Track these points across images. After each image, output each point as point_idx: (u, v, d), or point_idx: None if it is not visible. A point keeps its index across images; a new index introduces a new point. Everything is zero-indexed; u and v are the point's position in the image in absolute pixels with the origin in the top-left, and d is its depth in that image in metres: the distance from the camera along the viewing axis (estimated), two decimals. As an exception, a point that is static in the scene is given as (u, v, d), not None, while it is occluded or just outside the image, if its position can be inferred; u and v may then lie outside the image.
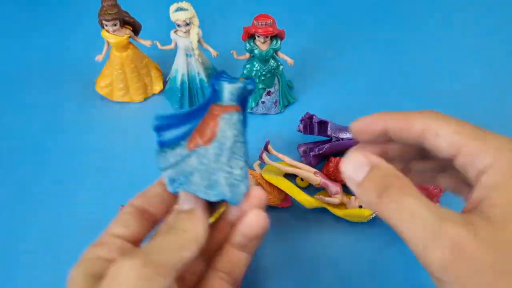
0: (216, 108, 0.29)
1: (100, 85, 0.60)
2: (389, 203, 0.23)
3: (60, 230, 0.49)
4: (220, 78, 0.29)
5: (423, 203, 0.22)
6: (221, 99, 0.29)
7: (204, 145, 0.28)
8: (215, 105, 0.29)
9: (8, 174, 0.54)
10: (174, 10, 0.51)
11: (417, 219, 0.22)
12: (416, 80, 0.64)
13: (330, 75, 0.65)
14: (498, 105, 0.61)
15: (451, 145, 0.25)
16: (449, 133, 0.25)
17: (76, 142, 0.57)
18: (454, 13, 0.74)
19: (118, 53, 0.56)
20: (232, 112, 0.29)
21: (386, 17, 0.73)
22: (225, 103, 0.29)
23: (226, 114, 0.29)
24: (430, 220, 0.22)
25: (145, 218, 0.29)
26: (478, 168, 0.23)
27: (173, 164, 0.29)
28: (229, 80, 0.29)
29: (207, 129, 0.29)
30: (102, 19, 0.53)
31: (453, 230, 0.21)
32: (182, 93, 0.59)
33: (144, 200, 0.29)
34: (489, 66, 0.66)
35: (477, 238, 0.20)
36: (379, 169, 0.25)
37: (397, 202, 0.23)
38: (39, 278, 0.46)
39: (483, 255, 0.20)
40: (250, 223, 0.29)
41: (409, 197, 0.23)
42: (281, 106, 0.59)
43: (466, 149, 0.24)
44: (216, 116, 0.29)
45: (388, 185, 0.24)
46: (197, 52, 0.55)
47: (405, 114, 0.27)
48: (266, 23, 0.51)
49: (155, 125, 0.29)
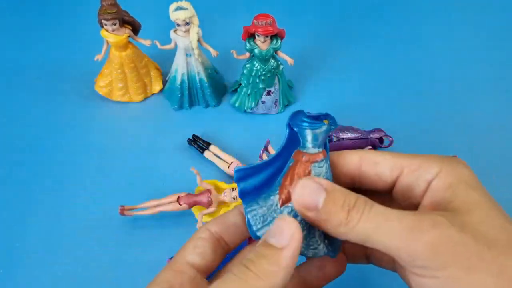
0: (303, 157, 0.27)
1: (100, 84, 0.60)
2: (361, 216, 0.23)
3: (60, 230, 0.49)
4: (302, 124, 0.27)
5: (392, 209, 0.24)
6: (305, 145, 0.27)
7: None
8: (300, 152, 0.27)
9: (8, 174, 0.54)
10: (174, 9, 0.51)
11: (394, 220, 0.23)
12: (416, 79, 0.64)
13: (331, 74, 0.65)
14: (499, 105, 0.61)
15: (392, 168, 0.27)
16: (387, 159, 0.27)
17: (76, 142, 0.57)
18: (454, 13, 0.74)
19: (118, 53, 0.56)
20: (321, 160, 0.27)
21: (386, 17, 0.73)
22: (311, 151, 0.27)
23: (316, 163, 0.27)
24: (406, 218, 0.23)
25: (221, 246, 0.28)
26: (427, 179, 0.26)
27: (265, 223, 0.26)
28: (311, 124, 0.27)
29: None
30: (102, 19, 0.53)
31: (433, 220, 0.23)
32: (181, 93, 0.59)
33: (222, 228, 0.28)
34: (489, 65, 0.66)
35: (455, 225, 0.23)
36: (336, 191, 0.25)
37: (369, 212, 0.23)
38: (39, 278, 0.46)
39: (465, 239, 0.22)
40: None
41: (377, 206, 0.24)
42: (281, 105, 0.59)
43: (409, 168, 0.26)
44: (307, 167, 0.26)
45: (352, 202, 0.24)
46: (197, 51, 0.55)
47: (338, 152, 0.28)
48: (266, 22, 0.50)
49: (236, 177, 0.28)
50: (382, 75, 0.65)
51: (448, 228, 0.22)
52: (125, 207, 0.48)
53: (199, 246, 0.27)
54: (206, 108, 0.61)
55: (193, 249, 0.27)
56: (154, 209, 0.48)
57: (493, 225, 0.23)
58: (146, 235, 0.49)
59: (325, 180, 0.25)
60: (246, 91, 0.57)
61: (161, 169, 0.54)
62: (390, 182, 0.27)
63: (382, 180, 0.27)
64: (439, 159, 0.26)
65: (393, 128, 0.55)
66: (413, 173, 0.26)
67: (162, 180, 0.53)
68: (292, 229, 0.24)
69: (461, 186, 0.25)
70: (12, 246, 0.48)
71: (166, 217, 0.50)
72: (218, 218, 0.28)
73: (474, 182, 0.25)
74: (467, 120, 0.59)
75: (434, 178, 0.25)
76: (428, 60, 0.67)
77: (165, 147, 0.56)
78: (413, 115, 0.60)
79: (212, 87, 0.59)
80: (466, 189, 0.25)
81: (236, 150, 0.55)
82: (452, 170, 0.25)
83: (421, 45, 0.69)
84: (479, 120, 0.59)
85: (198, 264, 0.26)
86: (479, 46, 0.69)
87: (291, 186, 0.26)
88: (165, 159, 0.55)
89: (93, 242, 0.48)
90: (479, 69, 0.65)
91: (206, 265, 0.27)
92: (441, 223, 0.23)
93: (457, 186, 0.25)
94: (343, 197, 0.24)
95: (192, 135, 0.56)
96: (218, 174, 0.53)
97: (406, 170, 0.26)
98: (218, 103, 0.61)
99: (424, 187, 0.26)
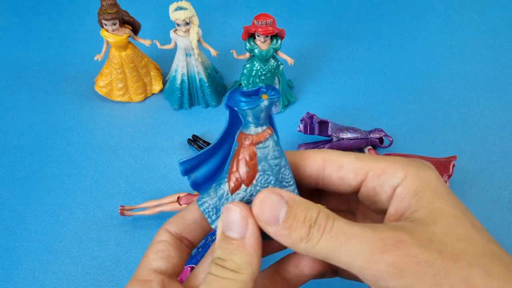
0: (246, 138, 0.25)
1: (99, 84, 0.60)
2: (322, 235, 0.23)
3: (60, 230, 0.49)
4: (239, 103, 0.25)
5: (353, 223, 0.23)
6: (247, 125, 0.25)
7: (247, 185, 0.25)
8: (243, 134, 0.25)
9: (7, 174, 0.54)
10: (174, 9, 0.51)
11: (356, 239, 0.22)
12: (416, 79, 0.64)
13: (331, 74, 0.65)
14: (499, 105, 0.61)
15: (357, 172, 0.26)
16: (351, 162, 0.26)
17: (75, 142, 0.57)
18: (454, 13, 0.74)
19: (118, 53, 0.56)
20: (266, 140, 0.25)
21: (386, 17, 0.73)
22: (254, 131, 0.25)
23: (260, 143, 0.25)
24: (369, 237, 0.22)
25: (184, 246, 0.27)
26: (392, 184, 0.25)
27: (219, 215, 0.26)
28: (249, 101, 0.25)
29: (245, 168, 0.25)
30: (102, 19, 0.53)
31: (395, 238, 0.22)
32: (181, 93, 0.59)
33: (182, 227, 0.27)
34: (489, 65, 0.66)
35: (419, 241, 0.22)
36: (298, 204, 0.24)
37: (330, 231, 0.23)
38: (39, 278, 0.46)
39: (429, 257, 0.21)
40: None
41: (339, 221, 0.23)
42: (281, 105, 0.59)
43: (374, 171, 0.25)
44: (251, 148, 0.25)
45: (313, 218, 0.23)
46: (196, 51, 0.55)
47: (300, 152, 0.27)
48: (266, 22, 0.50)
49: (182, 170, 0.26)
50: (382, 75, 0.65)
51: (412, 247, 0.22)
52: (125, 207, 0.48)
53: (161, 250, 0.26)
54: (206, 108, 0.61)
55: (156, 254, 0.26)
56: (154, 209, 0.48)
57: (458, 236, 0.22)
58: (146, 235, 0.49)
59: (286, 192, 0.24)
60: (246, 91, 0.57)
61: (161, 169, 0.54)
62: (354, 185, 0.26)
63: (346, 183, 0.26)
64: (404, 163, 0.25)
65: (393, 128, 0.55)
66: (378, 177, 0.25)
67: (162, 180, 0.53)
68: (244, 215, 0.24)
69: (426, 193, 0.24)
70: (12, 246, 0.48)
71: (166, 217, 0.50)
72: (176, 217, 0.27)
73: (440, 188, 0.24)
74: (467, 120, 0.59)
75: (399, 184, 0.25)
76: (428, 60, 0.67)
77: (165, 147, 0.56)
78: (413, 115, 0.60)
79: (212, 87, 0.59)
80: (431, 197, 0.24)
81: (236, 150, 0.55)
82: (418, 176, 0.24)
83: (421, 45, 0.69)
84: (479, 120, 0.59)
85: (165, 268, 0.25)
86: (479, 46, 0.69)
87: (237, 172, 0.25)
88: (165, 159, 0.55)
89: (93, 242, 0.48)
90: (479, 69, 0.65)
91: (173, 268, 0.26)
92: (404, 241, 0.22)
93: (422, 193, 0.24)
94: (305, 211, 0.23)
95: (192, 135, 0.56)
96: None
97: (371, 174, 0.25)
98: (218, 103, 0.61)
99: (389, 193, 0.25)
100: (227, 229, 0.24)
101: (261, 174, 0.25)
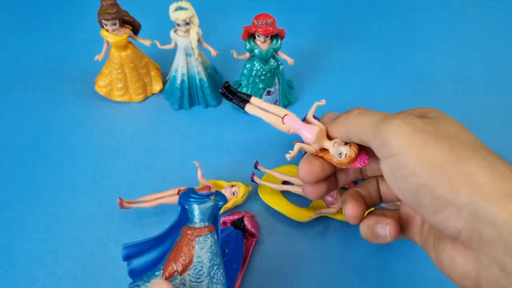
0: (188, 231, 0.28)
1: (100, 84, 0.60)
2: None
3: (60, 230, 0.49)
4: (189, 199, 0.29)
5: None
6: (193, 220, 0.28)
7: (181, 274, 0.27)
8: (187, 227, 0.28)
9: (7, 174, 0.54)
10: (174, 9, 0.51)
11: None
12: (416, 79, 0.64)
13: (331, 74, 0.65)
14: (499, 104, 0.61)
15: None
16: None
17: (75, 142, 0.57)
18: (454, 13, 0.74)
19: (118, 53, 0.56)
20: (206, 235, 0.28)
21: (386, 17, 0.73)
22: (198, 225, 0.28)
23: (201, 237, 0.28)
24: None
25: None
26: None
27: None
28: (198, 199, 0.29)
29: (182, 256, 0.27)
30: (102, 18, 0.53)
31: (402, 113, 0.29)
32: (181, 93, 0.59)
33: None
34: (489, 65, 0.66)
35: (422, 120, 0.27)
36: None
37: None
38: (39, 278, 0.46)
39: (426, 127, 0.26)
40: None
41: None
42: (281, 105, 0.59)
43: None
44: (191, 240, 0.28)
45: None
46: (197, 51, 0.55)
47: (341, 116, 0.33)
48: (266, 22, 0.50)
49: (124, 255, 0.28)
50: (382, 74, 0.65)
51: (413, 118, 0.26)
52: (124, 200, 0.48)
53: None
54: (206, 108, 0.61)
55: None
56: (153, 202, 0.48)
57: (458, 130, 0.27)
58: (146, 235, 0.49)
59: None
60: (246, 91, 0.57)
61: (161, 169, 0.54)
62: None
63: None
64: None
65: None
66: None
67: (162, 180, 0.53)
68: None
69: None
70: (12, 246, 0.48)
71: (166, 217, 0.50)
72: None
73: None
74: (467, 120, 0.59)
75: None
76: (428, 59, 0.67)
77: (165, 147, 0.56)
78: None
79: (212, 87, 0.59)
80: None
81: (236, 150, 0.55)
82: None
83: (421, 45, 0.69)
84: (479, 120, 0.59)
85: None
86: (479, 46, 0.69)
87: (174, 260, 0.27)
88: (165, 159, 0.55)
89: (93, 242, 0.48)
90: (479, 69, 0.65)
91: None
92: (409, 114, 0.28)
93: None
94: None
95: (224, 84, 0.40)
96: (218, 173, 0.53)
97: None
98: (218, 103, 0.61)
99: None
100: None
101: (195, 265, 0.27)
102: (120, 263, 0.47)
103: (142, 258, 0.28)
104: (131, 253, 0.28)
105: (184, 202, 0.29)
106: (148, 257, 0.28)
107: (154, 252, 0.29)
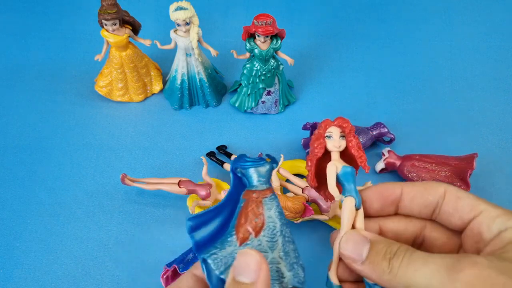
0: (253, 195, 0.28)
1: (100, 84, 0.60)
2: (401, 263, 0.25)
3: (60, 230, 0.49)
4: (246, 163, 0.28)
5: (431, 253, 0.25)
6: (252, 184, 0.28)
7: (256, 236, 0.27)
8: (250, 191, 0.28)
9: (7, 174, 0.54)
10: (174, 9, 0.51)
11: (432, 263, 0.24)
12: (416, 79, 0.64)
13: (331, 74, 0.65)
14: (499, 104, 0.61)
15: (473, 207, 0.27)
16: (470, 197, 0.28)
17: (75, 142, 0.57)
18: (454, 13, 0.74)
19: (118, 53, 0.56)
20: (271, 195, 0.28)
21: (386, 17, 0.73)
22: (260, 188, 0.28)
23: (266, 198, 0.28)
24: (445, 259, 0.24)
25: None
26: (499, 228, 0.26)
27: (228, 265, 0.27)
28: (256, 163, 0.29)
29: (253, 218, 0.27)
30: (102, 19, 0.53)
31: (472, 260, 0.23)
32: (182, 93, 0.59)
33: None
34: (489, 65, 0.66)
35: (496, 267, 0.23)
36: (379, 243, 0.26)
37: (409, 258, 0.25)
38: (39, 278, 0.46)
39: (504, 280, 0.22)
40: None
41: (418, 252, 0.25)
42: (281, 105, 0.59)
43: (488, 212, 0.27)
44: (259, 202, 0.28)
45: (393, 251, 0.26)
46: (197, 51, 0.55)
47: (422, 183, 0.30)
48: (266, 22, 0.50)
49: (189, 226, 0.28)
50: (382, 74, 0.65)
51: (487, 268, 0.23)
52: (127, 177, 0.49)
53: None
54: (206, 108, 0.60)
55: None
56: (154, 185, 0.49)
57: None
58: (146, 235, 0.49)
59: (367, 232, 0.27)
60: (246, 91, 0.57)
61: (161, 169, 0.54)
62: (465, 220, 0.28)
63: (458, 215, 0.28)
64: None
65: (393, 128, 0.55)
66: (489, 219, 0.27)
67: (162, 180, 0.53)
68: (257, 261, 0.24)
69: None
70: (12, 246, 0.48)
71: (167, 220, 0.50)
72: (172, 286, 0.28)
73: None
74: (467, 120, 0.59)
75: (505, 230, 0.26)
76: (428, 60, 0.67)
77: (165, 147, 0.56)
78: (412, 115, 0.60)
79: (212, 87, 0.59)
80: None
81: (236, 150, 0.55)
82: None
83: (421, 45, 0.69)
84: (479, 120, 0.59)
85: None
86: (479, 46, 0.69)
87: (246, 224, 0.27)
88: (165, 159, 0.55)
89: (93, 242, 0.48)
90: (479, 69, 0.65)
91: None
92: (480, 263, 0.23)
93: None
94: (386, 247, 0.26)
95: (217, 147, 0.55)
96: (218, 173, 0.53)
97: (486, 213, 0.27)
98: (218, 103, 0.61)
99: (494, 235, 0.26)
100: (238, 274, 0.24)
101: (268, 225, 0.27)
102: (120, 263, 0.47)
103: (204, 229, 0.28)
104: (195, 225, 0.28)
105: (242, 166, 0.29)
106: (210, 228, 0.28)
107: (215, 222, 0.28)
